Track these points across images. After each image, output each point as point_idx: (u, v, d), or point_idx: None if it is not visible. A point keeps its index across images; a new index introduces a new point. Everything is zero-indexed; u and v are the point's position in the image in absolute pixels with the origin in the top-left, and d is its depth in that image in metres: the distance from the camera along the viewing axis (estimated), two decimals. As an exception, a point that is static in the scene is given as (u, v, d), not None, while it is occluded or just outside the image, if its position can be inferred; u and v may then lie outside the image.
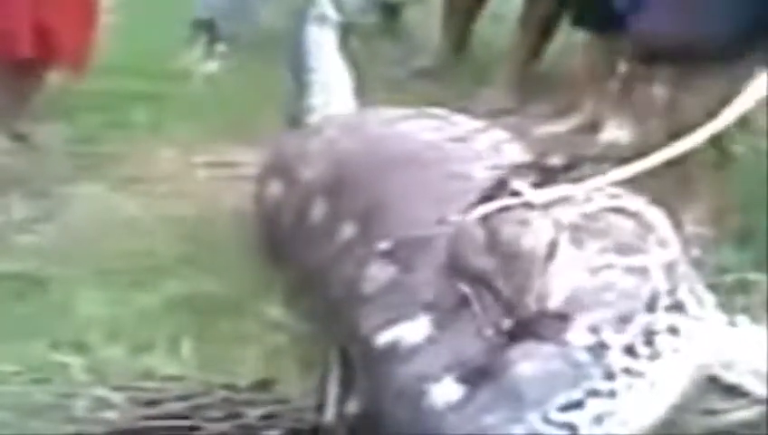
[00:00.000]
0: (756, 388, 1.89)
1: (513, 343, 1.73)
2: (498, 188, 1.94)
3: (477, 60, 4.07)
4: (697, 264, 1.98)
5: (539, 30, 3.79)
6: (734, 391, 1.89)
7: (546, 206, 1.87)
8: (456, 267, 1.84)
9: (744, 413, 1.88)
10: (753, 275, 2.35)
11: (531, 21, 3.82)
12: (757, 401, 1.89)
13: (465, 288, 1.80)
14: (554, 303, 1.75)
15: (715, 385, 1.89)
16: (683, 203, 2.57)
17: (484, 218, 1.86)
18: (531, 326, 1.73)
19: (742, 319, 1.94)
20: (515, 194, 1.90)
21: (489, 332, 1.74)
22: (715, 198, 2.63)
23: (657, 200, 2.02)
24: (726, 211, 2.62)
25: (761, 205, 2.63)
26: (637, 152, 2.13)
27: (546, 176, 2.00)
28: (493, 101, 3.66)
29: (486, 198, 1.91)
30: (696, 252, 2.01)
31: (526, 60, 3.82)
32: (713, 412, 1.91)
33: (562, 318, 1.74)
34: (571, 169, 2.01)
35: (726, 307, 1.97)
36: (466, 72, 3.97)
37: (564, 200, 1.95)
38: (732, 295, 2.19)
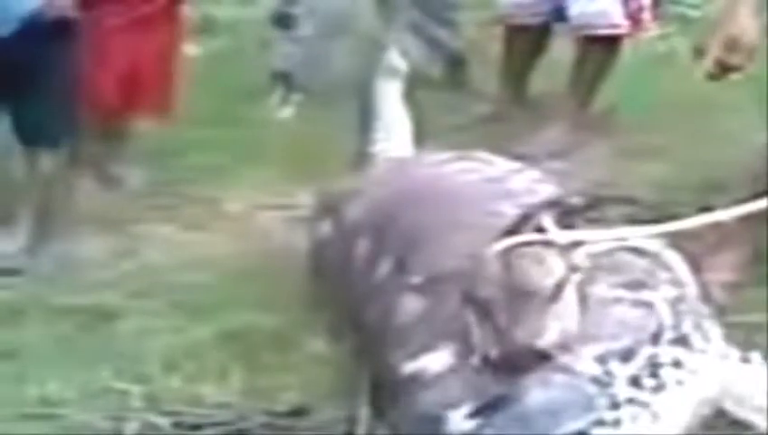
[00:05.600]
0: (762, 423, 1.85)
1: (498, 374, 1.75)
2: (523, 223, 1.96)
3: (535, 106, 4.10)
4: (718, 305, 1.96)
5: (588, 80, 3.83)
6: (740, 425, 1.87)
7: (566, 246, 1.87)
8: (466, 296, 1.87)
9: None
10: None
11: (583, 68, 3.85)
12: (762, 436, 1.86)
13: (471, 316, 1.83)
14: (544, 342, 1.78)
15: (722, 419, 1.86)
16: (713, 249, 2.55)
17: (503, 251, 1.88)
18: (513, 360, 1.75)
19: (755, 356, 1.91)
20: (541, 230, 1.92)
21: (477, 360, 1.77)
22: (746, 246, 2.59)
23: (677, 243, 2.01)
24: (755, 255, 2.58)
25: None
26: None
27: (567, 215, 2.02)
28: (548, 144, 3.69)
29: (511, 232, 1.94)
30: (717, 294, 1.99)
31: (580, 106, 3.84)
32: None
33: (545, 357, 1.76)
34: (590, 210, 2.02)
35: (744, 345, 1.95)
36: (525, 117, 4.00)
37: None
38: (752, 334, 2.16)
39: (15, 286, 2.99)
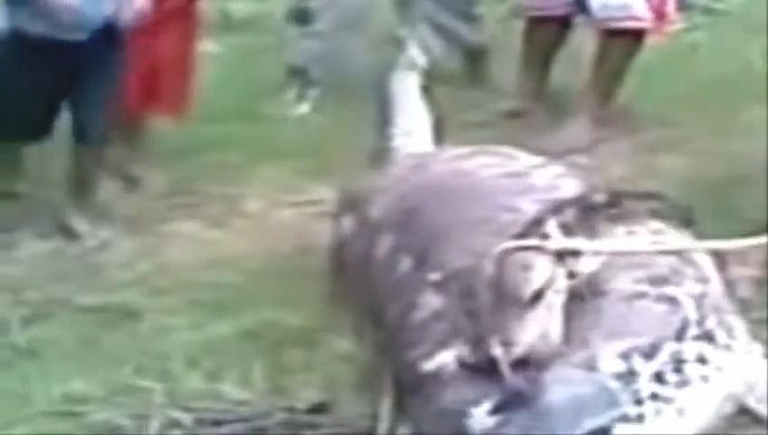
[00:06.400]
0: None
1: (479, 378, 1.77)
2: (534, 226, 1.97)
3: (556, 100, 4.09)
4: (743, 302, 1.96)
5: (609, 74, 3.82)
6: (763, 423, 1.86)
7: (567, 252, 1.88)
8: (462, 297, 1.88)
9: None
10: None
11: (605, 63, 3.84)
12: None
13: (461, 318, 1.85)
14: (518, 349, 1.79)
15: (745, 416, 1.86)
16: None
17: (502, 255, 1.89)
18: (489, 366, 1.78)
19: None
20: (545, 236, 1.92)
21: (454, 362, 1.79)
22: None
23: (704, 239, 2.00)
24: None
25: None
26: None
27: (588, 212, 2.02)
28: (568, 139, 3.68)
29: (522, 235, 1.94)
30: (743, 291, 1.99)
31: (601, 101, 3.83)
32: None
33: (520, 364, 1.77)
34: (612, 206, 2.02)
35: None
36: (546, 112, 4.00)
37: (609, 234, 1.97)
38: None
39: (40, 285, 3.04)
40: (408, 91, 3.18)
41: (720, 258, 2.02)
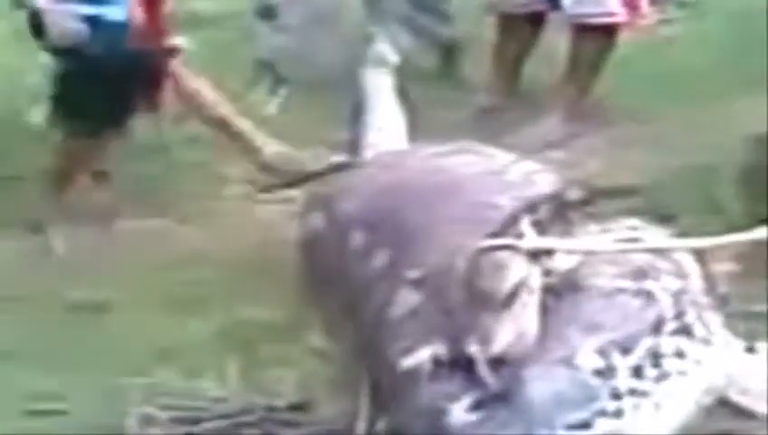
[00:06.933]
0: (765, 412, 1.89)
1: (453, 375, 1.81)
2: (510, 224, 1.99)
3: (531, 97, 4.12)
4: (722, 297, 2.00)
5: (584, 70, 3.85)
6: (746, 414, 1.90)
7: (542, 250, 1.90)
8: (440, 295, 1.91)
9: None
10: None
11: (578, 58, 3.87)
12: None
13: (438, 315, 1.88)
14: (496, 347, 1.82)
15: (728, 408, 1.90)
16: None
17: (476, 254, 1.91)
18: (464, 364, 1.81)
19: (761, 346, 1.95)
20: (519, 235, 1.95)
21: (429, 360, 1.82)
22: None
23: (681, 235, 2.04)
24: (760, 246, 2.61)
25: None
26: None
27: (564, 209, 2.05)
28: (543, 135, 3.72)
29: (496, 233, 1.97)
30: (722, 287, 2.03)
31: (576, 97, 3.87)
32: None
33: (497, 362, 1.81)
34: (587, 204, 2.05)
35: (748, 335, 1.98)
36: (520, 108, 4.03)
37: (583, 232, 2.00)
38: (756, 324, 2.20)
39: (10, 282, 3.04)
40: (380, 88, 3.20)
41: (699, 252, 2.05)
